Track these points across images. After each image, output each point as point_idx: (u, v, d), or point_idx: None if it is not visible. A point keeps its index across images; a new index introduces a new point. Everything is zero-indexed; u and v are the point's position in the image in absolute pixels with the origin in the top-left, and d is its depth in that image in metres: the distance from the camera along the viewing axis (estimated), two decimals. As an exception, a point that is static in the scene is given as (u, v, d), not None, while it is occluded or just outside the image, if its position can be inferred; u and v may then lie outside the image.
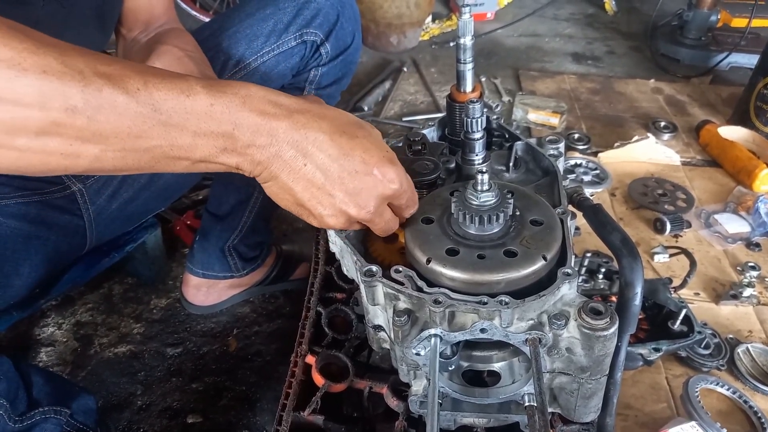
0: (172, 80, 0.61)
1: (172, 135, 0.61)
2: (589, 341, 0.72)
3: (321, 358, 1.06)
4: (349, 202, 0.71)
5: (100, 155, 0.60)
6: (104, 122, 0.57)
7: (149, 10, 1.16)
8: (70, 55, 0.56)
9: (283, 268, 1.82)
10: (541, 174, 1.01)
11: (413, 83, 3.03)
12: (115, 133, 0.58)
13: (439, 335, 0.75)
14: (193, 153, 0.64)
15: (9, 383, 1.05)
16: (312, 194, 0.70)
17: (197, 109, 0.61)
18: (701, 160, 2.37)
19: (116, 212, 1.33)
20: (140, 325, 1.72)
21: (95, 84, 0.56)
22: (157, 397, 1.53)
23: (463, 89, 0.96)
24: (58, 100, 0.54)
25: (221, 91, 0.63)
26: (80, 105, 0.55)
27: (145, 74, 0.59)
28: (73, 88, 0.55)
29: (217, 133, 0.63)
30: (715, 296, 1.71)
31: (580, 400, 0.81)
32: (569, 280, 0.73)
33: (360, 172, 0.69)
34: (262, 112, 0.65)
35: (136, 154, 0.61)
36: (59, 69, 0.54)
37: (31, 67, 0.53)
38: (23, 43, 0.53)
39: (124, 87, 0.57)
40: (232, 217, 1.60)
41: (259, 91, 0.66)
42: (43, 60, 0.54)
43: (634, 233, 1.95)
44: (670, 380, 1.47)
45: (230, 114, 0.63)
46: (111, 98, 0.57)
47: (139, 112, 0.58)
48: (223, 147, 0.65)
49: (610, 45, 3.51)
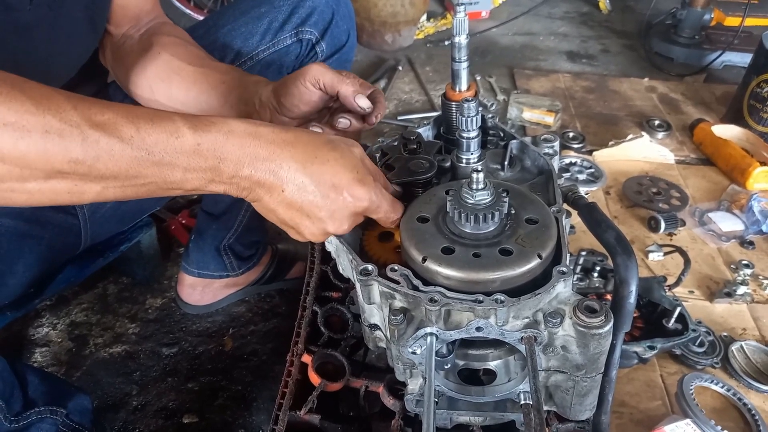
0: (161, 123, 0.66)
1: (164, 172, 0.67)
2: (584, 339, 0.72)
3: (317, 357, 1.06)
4: (326, 221, 0.77)
5: (102, 191, 0.66)
6: (103, 168, 0.63)
7: (138, 5, 1.15)
8: (65, 110, 0.61)
9: (279, 267, 1.82)
10: (536, 173, 1.01)
11: (408, 82, 3.03)
12: (113, 175, 0.64)
13: (435, 334, 0.75)
14: (184, 185, 0.70)
15: (4, 383, 1.04)
16: (292, 215, 0.77)
17: (185, 148, 0.67)
18: (695, 159, 2.38)
19: (110, 211, 1.33)
20: (135, 325, 1.72)
21: (93, 136, 0.62)
22: (153, 397, 1.53)
23: (458, 88, 0.96)
24: (60, 154, 0.60)
25: (206, 130, 0.69)
26: (81, 157, 0.61)
27: (135, 120, 0.65)
28: (73, 142, 0.60)
29: (204, 167, 0.69)
30: (709, 294, 1.72)
31: (576, 398, 0.82)
32: (564, 278, 0.74)
33: (331, 196, 0.75)
34: (243, 145, 0.71)
35: (134, 188, 0.68)
36: (59, 127, 0.60)
37: (34, 127, 0.58)
38: (24, 104, 0.58)
39: (118, 135, 0.63)
40: (228, 216, 1.60)
41: (239, 125, 0.72)
42: (43, 120, 0.59)
43: (628, 231, 1.96)
44: (665, 378, 1.48)
45: (215, 150, 0.69)
46: (108, 147, 0.63)
47: (134, 156, 0.64)
48: (210, 179, 0.71)
49: (604, 43, 3.52)
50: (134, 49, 1.12)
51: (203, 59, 1.10)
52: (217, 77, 1.06)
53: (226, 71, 1.07)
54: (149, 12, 1.17)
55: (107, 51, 1.18)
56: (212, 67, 1.08)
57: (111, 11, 1.12)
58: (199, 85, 1.06)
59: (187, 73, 1.07)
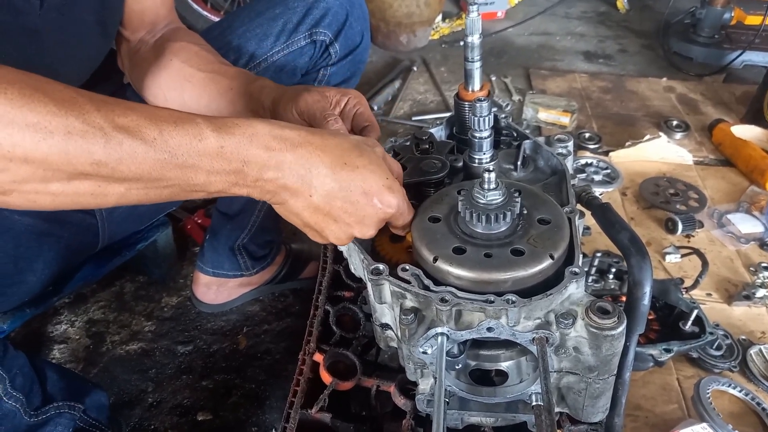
0: (184, 125, 0.66)
1: (188, 175, 0.67)
2: (596, 340, 0.72)
3: (329, 356, 1.06)
4: (354, 226, 0.77)
5: (126, 193, 0.66)
6: (126, 170, 0.63)
7: (155, 11, 1.16)
8: (88, 111, 0.60)
9: (293, 267, 1.83)
10: (549, 173, 1.00)
11: (423, 82, 3.03)
12: (136, 177, 0.64)
13: (446, 334, 0.75)
14: (207, 188, 0.70)
15: (24, 378, 1.07)
16: (318, 219, 0.77)
17: (209, 151, 0.67)
18: (714, 160, 2.35)
19: (128, 211, 1.34)
20: (151, 323, 1.74)
21: (116, 138, 0.61)
22: (168, 395, 1.54)
23: (471, 88, 0.96)
24: (83, 156, 0.60)
25: (229, 132, 0.68)
26: (104, 159, 0.61)
27: (158, 122, 0.64)
28: (95, 144, 0.60)
29: (228, 170, 0.69)
30: (728, 297, 1.69)
31: (588, 399, 0.81)
32: (577, 279, 0.73)
33: (361, 202, 0.75)
34: (268, 148, 0.70)
35: (157, 190, 0.68)
36: (81, 128, 0.59)
37: (56, 129, 0.58)
38: (46, 105, 0.58)
39: (142, 138, 0.63)
40: (242, 216, 1.61)
41: (264, 127, 0.71)
42: (65, 121, 0.58)
43: (645, 233, 1.94)
44: (681, 381, 1.46)
45: (239, 153, 0.68)
46: (131, 150, 0.62)
47: (157, 159, 0.64)
48: (234, 182, 0.70)
49: (622, 43, 3.49)
50: (148, 56, 1.13)
51: (213, 64, 1.10)
52: (226, 84, 1.06)
53: (234, 76, 1.07)
54: (165, 17, 1.18)
55: (124, 57, 1.20)
56: (221, 73, 1.08)
57: (127, 17, 1.14)
58: (209, 92, 1.07)
59: (198, 79, 1.07)
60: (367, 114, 0.99)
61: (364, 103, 1.00)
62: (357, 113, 0.99)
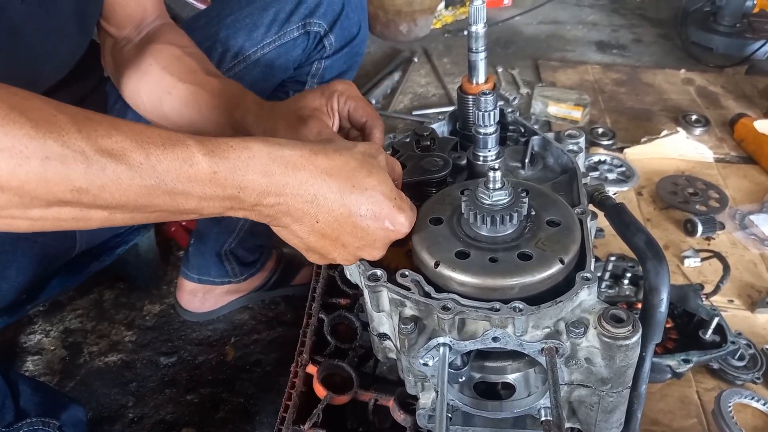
0: (173, 148, 0.64)
1: (178, 201, 0.66)
2: (609, 351, 0.72)
3: (323, 368, 1.06)
4: (364, 249, 0.78)
5: (110, 217, 0.65)
6: (110, 197, 0.62)
7: (142, 5, 1.16)
8: (68, 133, 0.58)
9: (284, 273, 1.83)
10: (559, 171, 1.00)
11: (424, 74, 3.03)
12: (121, 204, 0.63)
13: (449, 344, 0.75)
14: (201, 212, 0.69)
15: None
16: (325, 244, 0.77)
17: (200, 177, 0.65)
18: (736, 157, 2.35)
19: None
20: (132, 333, 1.74)
21: (98, 163, 0.59)
22: (150, 409, 1.54)
23: (475, 80, 0.96)
24: (63, 183, 0.58)
25: (223, 156, 0.66)
26: (85, 185, 0.59)
27: (145, 144, 0.62)
28: (76, 170, 0.58)
29: (222, 196, 0.68)
30: (751, 303, 1.69)
31: (601, 414, 0.81)
32: (588, 285, 0.73)
33: (372, 227, 0.76)
34: (266, 173, 0.69)
35: (143, 215, 0.67)
36: (61, 152, 0.57)
37: (33, 154, 0.56)
38: (22, 128, 0.56)
39: (127, 162, 0.61)
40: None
41: (262, 148, 0.69)
42: (43, 145, 0.57)
43: (662, 235, 1.94)
44: (701, 394, 1.46)
45: (234, 179, 0.67)
46: (114, 176, 0.60)
47: (144, 185, 0.62)
48: (229, 207, 0.70)
49: (637, 33, 3.49)
50: (131, 57, 1.13)
51: (195, 74, 1.09)
52: (209, 101, 1.05)
53: (218, 92, 1.05)
54: (152, 12, 1.18)
55: (107, 54, 1.20)
56: (204, 87, 1.07)
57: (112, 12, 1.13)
58: (191, 108, 1.07)
59: (179, 92, 1.07)
60: (363, 107, 0.98)
61: (355, 93, 0.99)
62: (351, 110, 0.98)
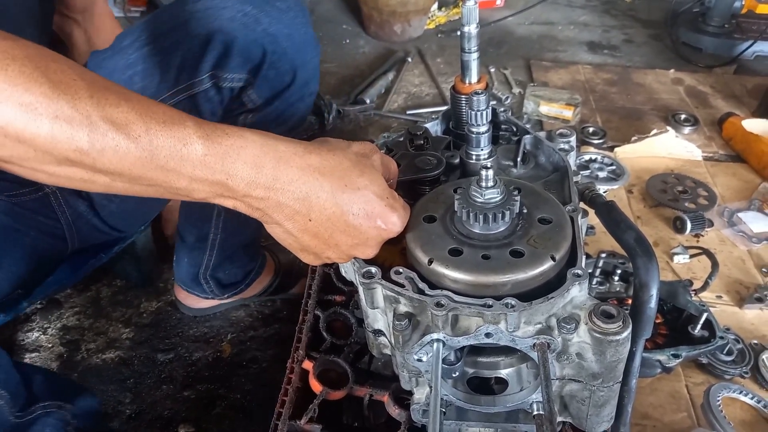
0: (171, 126, 0.66)
1: (170, 178, 0.68)
2: (600, 346, 0.72)
3: (319, 363, 1.06)
4: (357, 248, 0.78)
5: (111, 184, 0.68)
6: (107, 163, 0.65)
7: None
8: (80, 97, 0.62)
9: (283, 281, 1.79)
10: (550, 170, 1.01)
11: (418, 74, 3.03)
12: (118, 171, 0.66)
13: (442, 340, 0.75)
14: (192, 194, 0.71)
15: (8, 375, 1.07)
16: (318, 243, 0.77)
17: (191, 157, 0.67)
18: (724, 155, 2.36)
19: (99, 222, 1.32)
20: (129, 330, 1.73)
21: (101, 129, 0.63)
22: (147, 406, 1.54)
23: (468, 80, 0.96)
24: (67, 142, 0.62)
25: (217, 142, 0.68)
26: (86, 147, 0.63)
27: (147, 119, 0.65)
28: (80, 132, 0.62)
29: (211, 180, 0.69)
30: (739, 299, 1.70)
31: (592, 408, 0.81)
32: (579, 281, 0.73)
33: (364, 225, 0.76)
34: (257, 165, 0.70)
35: (141, 187, 0.69)
36: (69, 114, 0.62)
37: (45, 112, 0.61)
38: (41, 87, 0.60)
39: (126, 132, 0.64)
40: (198, 251, 1.57)
41: (257, 139, 0.71)
42: (56, 105, 0.61)
43: (652, 232, 1.95)
44: (690, 388, 1.47)
45: (223, 165, 0.68)
46: (114, 143, 0.64)
47: (138, 156, 0.65)
48: (219, 192, 0.71)
49: (628, 33, 3.50)
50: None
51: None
52: None
53: None
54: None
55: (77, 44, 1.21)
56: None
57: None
58: None
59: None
60: None
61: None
62: None
